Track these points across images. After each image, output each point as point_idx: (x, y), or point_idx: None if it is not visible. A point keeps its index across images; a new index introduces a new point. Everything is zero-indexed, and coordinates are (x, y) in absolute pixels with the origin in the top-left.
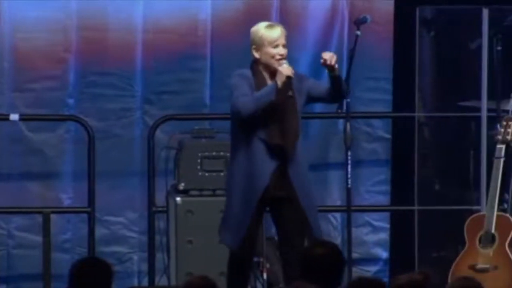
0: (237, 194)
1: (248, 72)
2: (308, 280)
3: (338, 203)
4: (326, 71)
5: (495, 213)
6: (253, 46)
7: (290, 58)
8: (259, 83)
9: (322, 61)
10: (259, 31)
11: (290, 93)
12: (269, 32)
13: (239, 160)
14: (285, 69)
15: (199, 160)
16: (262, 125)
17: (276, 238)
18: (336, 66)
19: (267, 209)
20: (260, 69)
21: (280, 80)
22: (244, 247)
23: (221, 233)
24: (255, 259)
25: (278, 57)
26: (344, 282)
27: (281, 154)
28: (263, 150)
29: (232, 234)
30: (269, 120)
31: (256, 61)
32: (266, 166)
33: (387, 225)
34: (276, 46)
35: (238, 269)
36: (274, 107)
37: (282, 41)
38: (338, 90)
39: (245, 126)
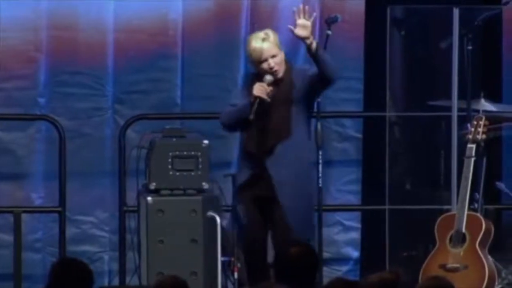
0: None
1: (253, 75)
2: (282, 280)
3: None
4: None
5: (466, 212)
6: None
7: None
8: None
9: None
10: (248, 47)
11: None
12: (253, 53)
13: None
14: (256, 89)
15: (170, 160)
16: (246, 131)
17: None
18: (313, 41)
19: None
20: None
21: (252, 98)
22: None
23: None
24: (226, 258)
25: (269, 70)
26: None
27: (258, 159)
28: (246, 153)
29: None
30: (252, 127)
31: None
32: (247, 166)
33: (358, 225)
34: (264, 60)
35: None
36: (259, 115)
37: (269, 54)
38: (322, 69)
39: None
